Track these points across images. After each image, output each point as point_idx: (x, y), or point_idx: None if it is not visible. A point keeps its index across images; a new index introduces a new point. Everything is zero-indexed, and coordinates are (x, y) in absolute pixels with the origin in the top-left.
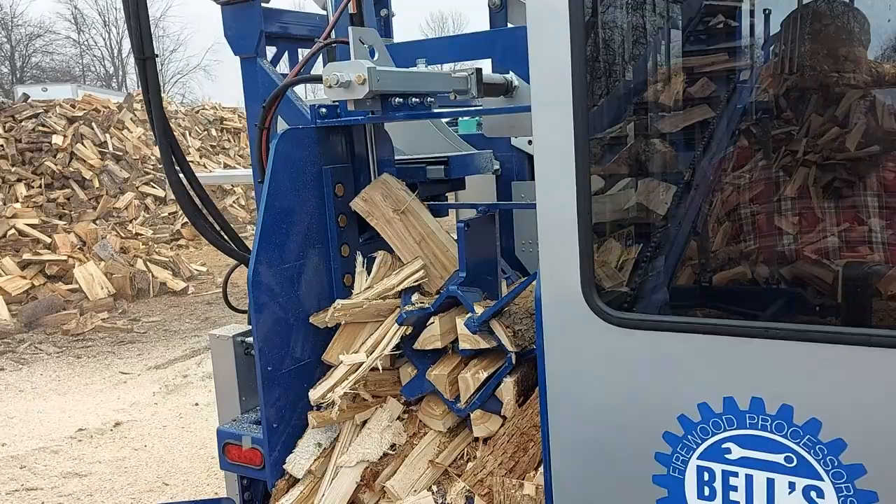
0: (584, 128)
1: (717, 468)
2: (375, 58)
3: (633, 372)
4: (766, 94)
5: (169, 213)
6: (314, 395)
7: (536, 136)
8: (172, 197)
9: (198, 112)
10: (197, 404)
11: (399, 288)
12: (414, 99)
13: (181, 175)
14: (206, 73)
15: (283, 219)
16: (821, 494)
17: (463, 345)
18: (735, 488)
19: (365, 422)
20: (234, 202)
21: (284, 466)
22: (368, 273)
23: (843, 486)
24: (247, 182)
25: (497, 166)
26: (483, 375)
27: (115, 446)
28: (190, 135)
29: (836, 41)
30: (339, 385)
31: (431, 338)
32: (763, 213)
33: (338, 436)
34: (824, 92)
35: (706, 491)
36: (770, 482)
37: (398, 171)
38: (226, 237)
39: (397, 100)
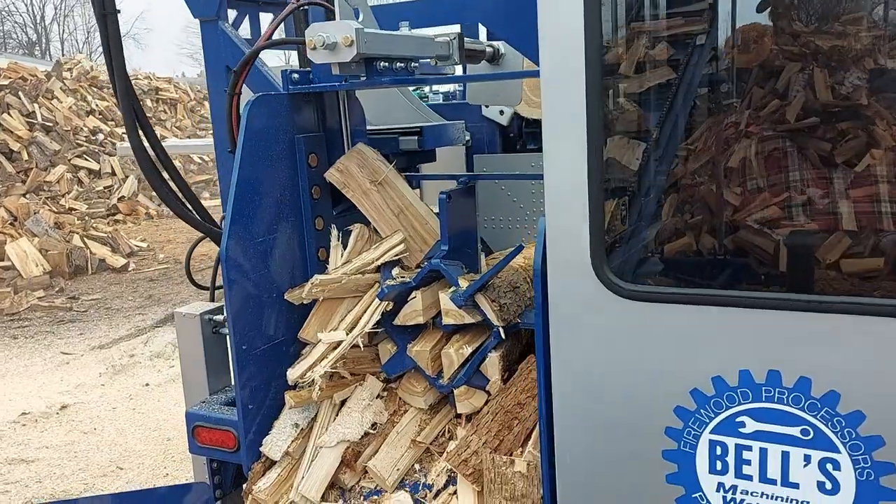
0: (598, 91)
1: (731, 442)
2: (360, 19)
3: (644, 346)
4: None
5: (104, 187)
6: (293, 374)
7: (546, 100)
8: (108, 170)
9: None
10: (147, 385)
11: (379, 262)
12: (399, 64)
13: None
14: (136, 42)
15: (256, 190)
16: (837, 466)
17: (447, 320)
18: (748, 462)
19: (344, 401)
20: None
21: (261, 449)
22: (344, 247)
23: (860, 457)
24: (208, 151)
25: (468, 137)
26: (467, 350)
27: (63, 430)
28: None
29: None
30: (318, 364)
31: (413, 313)
32: (782, 179)
33: (315, 416)
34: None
35: (718, 465)
36: (785, 455)
37: (369, 142)
38: (190, 208)
39: (383, 64)
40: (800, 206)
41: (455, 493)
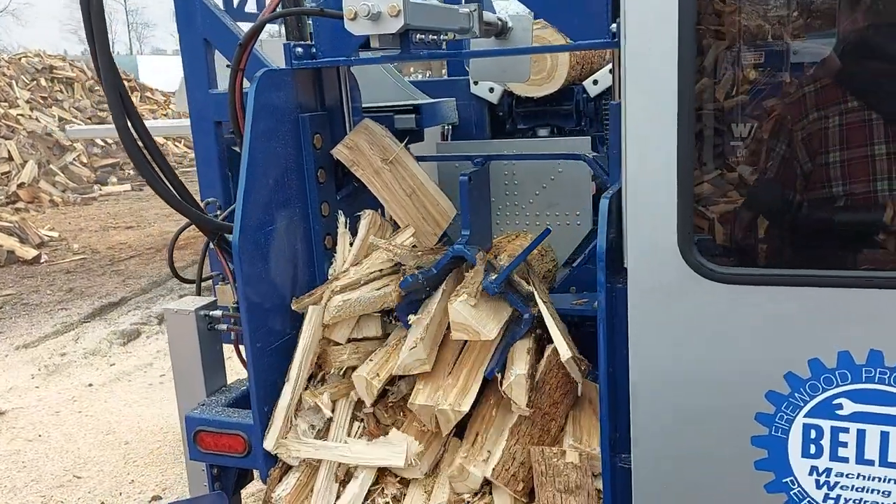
0: (691, 66)
1: (826, 425)
2: None
3: (735, 331)
4: None
5: (1, 174)
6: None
7: (631, 75)
8: (3, 155)
9: (21, 59)
10: (91, 385)
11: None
12: (431, 36)
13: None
14: (15, 18)
15: (266, 174)
16: None
17: (457, 335)
18: (845, 444)
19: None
20: (74, 159)
21: (278, 454)
22: (353, 235)
23: None
24: (185, 134)
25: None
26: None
27: (3, 439)
28: (17, 84)
29: None
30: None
31: (416, 362)
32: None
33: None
34: None
35: (812, 449)
36: (884, 435)
37: None
38: (176, 192)
39: (419, 37)
40: None
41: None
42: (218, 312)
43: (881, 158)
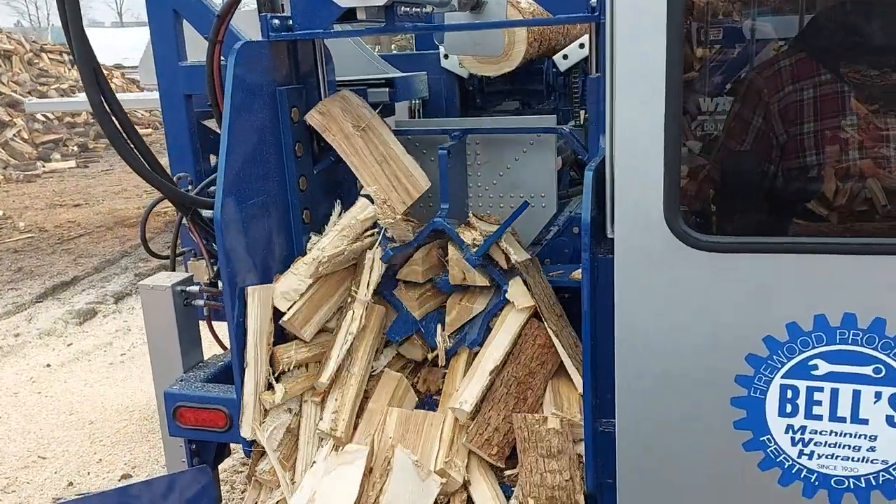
0: (678, 33)
1: (802, 385)
2: None
3: (718, 297)
4: None
5: None
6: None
7: (620, 46)
8: None
9: None
10: (49, 365)
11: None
12: (415, 9)
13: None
14: None
15: (245, 148)
16: None
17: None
18: (819, 402)
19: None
20: (15, 134)
21: (258, 439)
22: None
23: None
24: (146, 107)
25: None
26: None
27: None
28: None
29: None
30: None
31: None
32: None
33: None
34: None
35: (788, 408)
36: (856, 394)
37: None
38: (150, 168)
39: (404, 9)
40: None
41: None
42: (195, 288)
43: (852, 129)
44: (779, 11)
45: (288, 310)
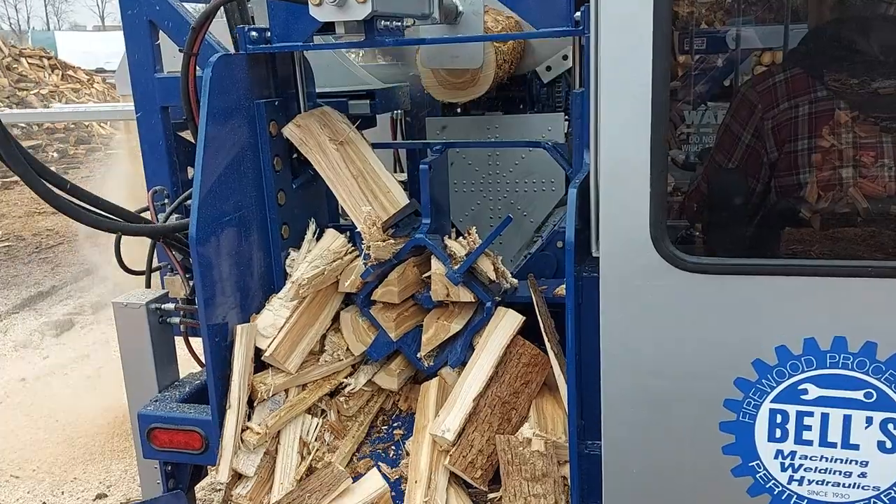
0: (665, 56)
1: (792, 410)
2: None
3: (705, 319)
4: None
5: None
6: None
7: (605, 67)
8: None
9: None
10: (24, 380)
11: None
12: (395, 23)
13: None
14: None
15: (222, 163)
16: None
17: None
18: (809, 427)
19: None
20: None
21: (234, 466)
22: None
23: None
24: (125, 118)
25: None
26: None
27: None
28: None
29: None
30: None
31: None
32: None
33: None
34: None
35: (777, 433)
36: (847, 419)
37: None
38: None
39: (384, 23)
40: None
41: None
42: (170, 305)
43: (847, 148)
44: (761, 21)
45: (268, 346)
